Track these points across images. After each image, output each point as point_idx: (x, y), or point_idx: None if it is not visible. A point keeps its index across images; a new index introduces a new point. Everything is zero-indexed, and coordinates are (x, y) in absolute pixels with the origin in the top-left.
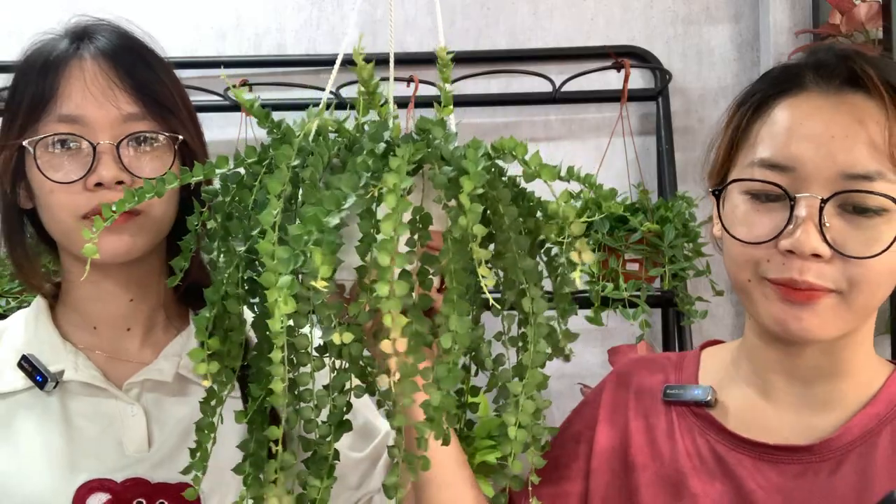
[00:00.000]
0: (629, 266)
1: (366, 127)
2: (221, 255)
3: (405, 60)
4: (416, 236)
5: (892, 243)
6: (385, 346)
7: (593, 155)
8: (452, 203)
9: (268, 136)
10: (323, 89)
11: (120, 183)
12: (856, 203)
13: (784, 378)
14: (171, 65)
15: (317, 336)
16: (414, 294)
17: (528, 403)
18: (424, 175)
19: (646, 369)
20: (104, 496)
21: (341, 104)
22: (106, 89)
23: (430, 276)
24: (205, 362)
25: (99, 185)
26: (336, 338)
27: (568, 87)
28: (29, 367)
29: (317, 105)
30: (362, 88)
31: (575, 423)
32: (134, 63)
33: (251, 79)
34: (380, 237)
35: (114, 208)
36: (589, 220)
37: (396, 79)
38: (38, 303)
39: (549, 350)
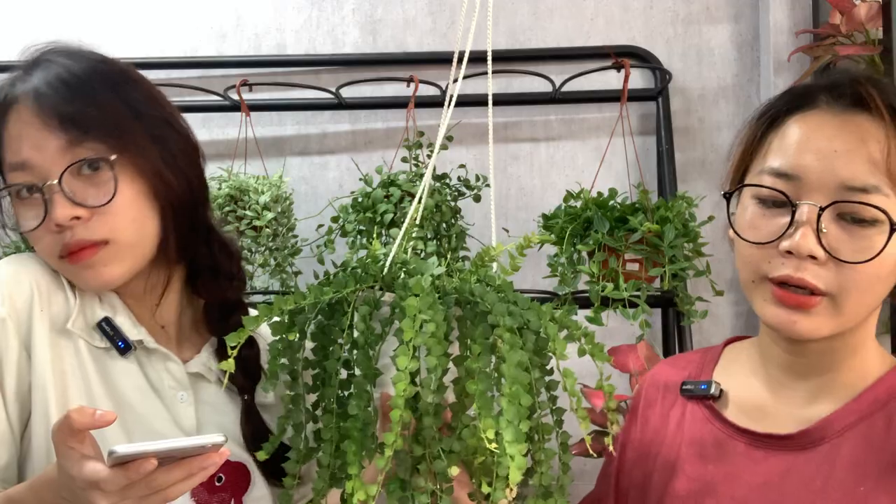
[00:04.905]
0: (629, 266)
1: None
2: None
3: (405, 60)
4: None
5: (880, 251)
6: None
7: (593, 155)
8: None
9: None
10: (323, 89)
11: (77, 218)
12: (852, 213)
13: (785, 372)
14: (120, 77)
15: None
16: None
17: None
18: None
19: (673, 367)
20: None
21: (341, 104)
22: (40, 129)
23: None
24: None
25: (58, 226)
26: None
27: (568, 87)
28: (111, 330)
29: (319, 108)
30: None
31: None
32: (64, 94)
33: (251, 79)
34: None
35: (231, 344)
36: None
37: (396, 79)
38: None
39: None
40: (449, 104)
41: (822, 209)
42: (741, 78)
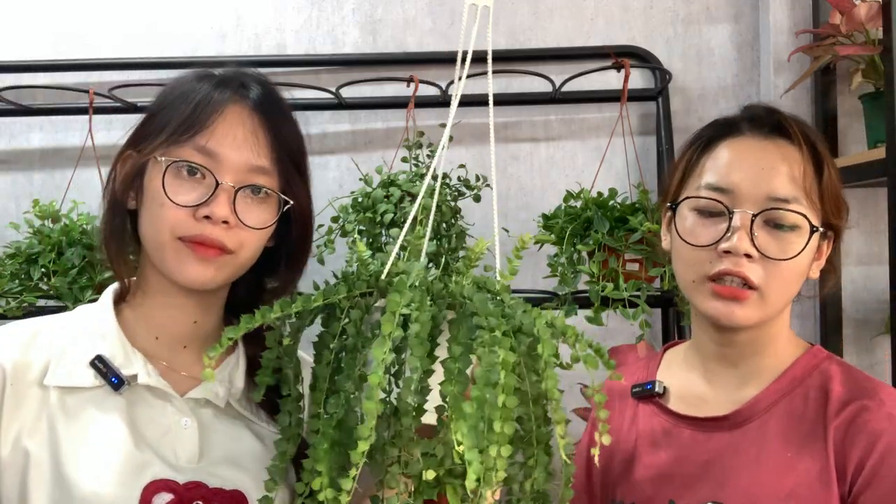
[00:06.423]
0: (629, 266)
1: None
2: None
3: (405, 60)
4: None
5: (802, 250)
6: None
7: (593, 155)
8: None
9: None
10: (323, 89)
11: (225, 223)
12: (777, 219)
13: (718, 362)
14: (303, 141)
15: None
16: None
17: None
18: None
19: (625, 374)
20: (168, 496)
21: (341, 104)
22: (248, 137)
23: None
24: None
25: (206, 217)
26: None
27: (568, 87)
28: (104, 367)
29: (319, 108)
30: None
31: (582, 439)
32: (277, 121)
33: None
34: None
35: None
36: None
37: (396, 79)
38: (107, 305)
39: None
40: (453, 104)
41: (754, 216)
42: (741, 78)
